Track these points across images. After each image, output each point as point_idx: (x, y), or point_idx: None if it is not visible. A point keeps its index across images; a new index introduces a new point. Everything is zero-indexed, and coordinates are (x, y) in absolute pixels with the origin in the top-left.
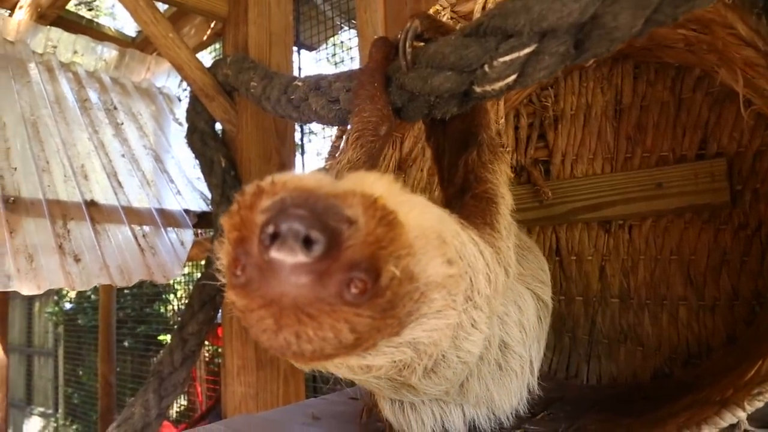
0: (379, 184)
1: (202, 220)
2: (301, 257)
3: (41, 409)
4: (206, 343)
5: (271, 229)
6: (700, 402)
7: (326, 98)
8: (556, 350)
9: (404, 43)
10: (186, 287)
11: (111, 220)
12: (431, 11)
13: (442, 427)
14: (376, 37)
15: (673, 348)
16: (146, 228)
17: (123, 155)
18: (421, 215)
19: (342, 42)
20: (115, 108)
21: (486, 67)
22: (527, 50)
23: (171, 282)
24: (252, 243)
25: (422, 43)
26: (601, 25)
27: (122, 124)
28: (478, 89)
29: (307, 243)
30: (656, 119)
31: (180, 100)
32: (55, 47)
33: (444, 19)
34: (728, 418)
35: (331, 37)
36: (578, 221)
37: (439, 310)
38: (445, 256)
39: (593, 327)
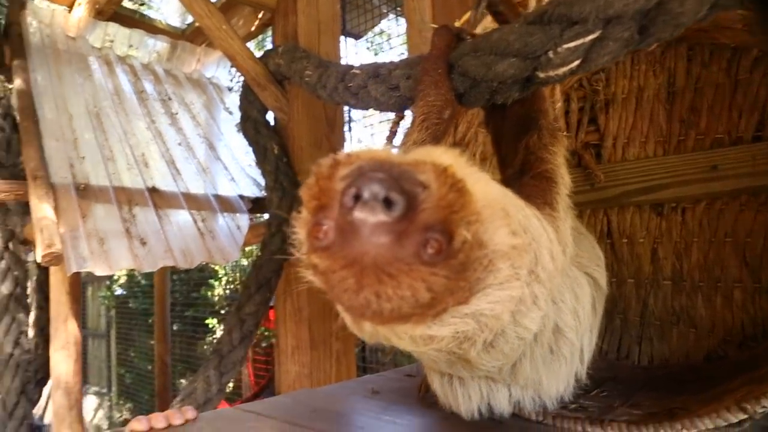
0: (447, 156)
1: (255, 206)
2: (382, 216)
3: (96, 388)
4: None
5: (353, 191)
6: (758, 378)
7: (386, 85)
8: (608, 331)
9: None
10: (231, 273)
11: (171, 206)
12: None
13: (488, 405)
14: (438, 25)
15: (728, 330)
16: (204, 213)
17: (179, 143)
18: (486, 187)
19: (381, 30)
20: (170, 98)
21: (550, 53)
22: (592, 36)
23: (216, 268)
24: (333, 208)
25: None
26: (667, 11)
27: (176, 113)
28: (541, 75)
29: (387, 204)
30: (711, 101)
31: (230, 90)
32: (111, 41)
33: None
34: None
35: (376, 24)
36: (630, 204)
37: (503, 281)
38: (510, 227)
39: (645, 309)
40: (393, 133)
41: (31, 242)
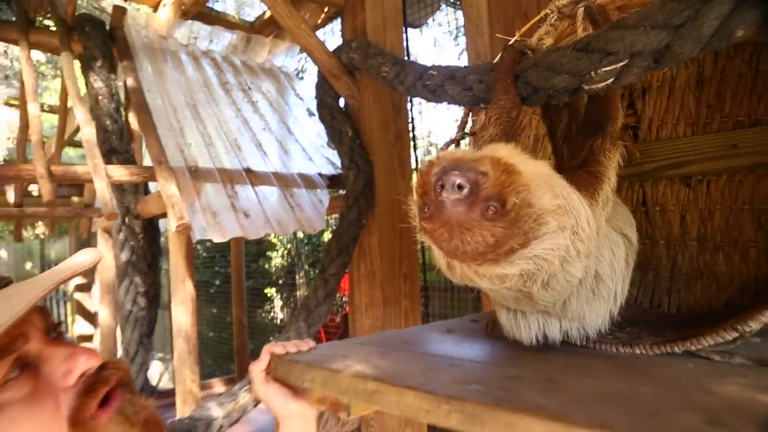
0: (504, 150)
1: (331, 182)
2: (456, 196)
3: (161, 354)
4: None
5: (440, 182)
6: (750, 311)
7: (461, 86)
8: (642, 285)
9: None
10: (285, 246)
11: (264, 183)
12: (543, 13)
13: (543, 334)
14: (509, 44)
15: (744, 282)
16: (292, 189)
17: (263, 129)
18: (534, 168)
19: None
20: (249, 88)
21: (593, 74)
22: (621, 64)
23: (273, 241)
24: (431, 192)
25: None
26: (672, 51)
27: (257, 101)
28: (585, 87)
29: (460, 188)
30: (734, 89)
31: (299, 77)
32: (195, 38)
33: (552, 20)
34: None
35: (433, 14)
36: (662, 177)
37: (552, 232)
38: (553, 193)
39: (674, 266)
40: (464, 122)
41: (143, 217)
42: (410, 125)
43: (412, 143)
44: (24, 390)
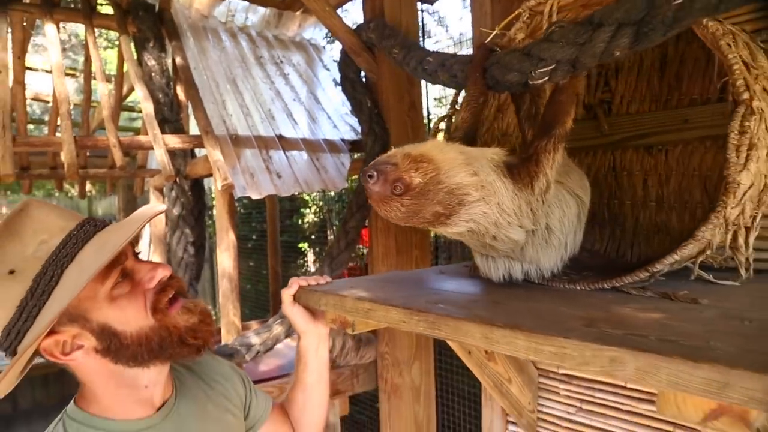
0: (426, 146)
1: (353, 146)
2: (372, 182)
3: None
4: None
5: (365, 174)
6: (664, 256)
7: (449, 73)
8: (610, 239)
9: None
10: (317, 203)
11: (294, 148)
12: (517, 12)
13: (509, 273)
14: (482, 44)
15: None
16: (318, 153)
17: (294, 99)
18: (452, 156)
19: None
20: (281, 61)
21: (533, 73)
22: (550, 68)
23: (306, 198)
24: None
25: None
26: (579, 61)
27: (288, 74)
28: (530, 82)
29: (371, 177)
30: (691, 71)
31: (325, 49)
32: (233, 15)
33: (525, 16)
34: (667, 261)
35: None
36: (629, 146)
37: (476, 201)
38: (470, 171)
39: (636, 222)
40: (454, 102)
41: (191, 177)
42: (425, 94)
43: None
44: (126, 288)
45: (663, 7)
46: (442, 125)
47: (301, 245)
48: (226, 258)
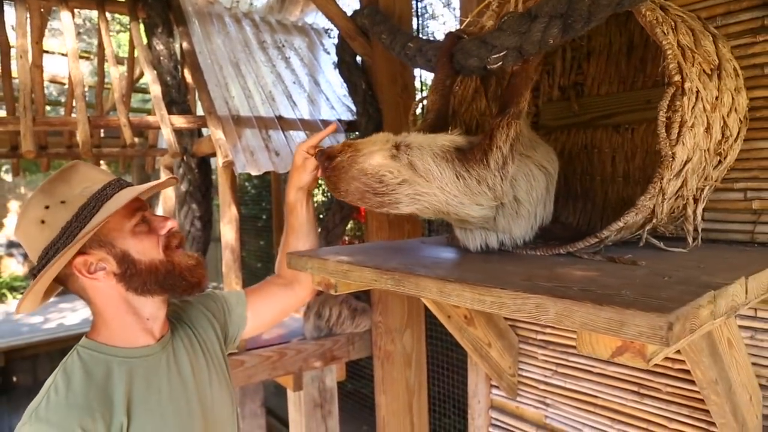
0: (369, 137)
1: (350, 127)
2: (317, 158)
3: (214, 284)
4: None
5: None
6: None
7: (425, 58)
8: (582, 212)
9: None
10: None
11: (293, 128)
12: (487, 1)
13: (485, 243)
14: (448, 32)
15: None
16: (316, 133)
17: (294, 82)
18: (376, 143)
19: None
20: (283, 45)
21: (488, 59)
22: (502, 54)
23: None
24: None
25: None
26: (523, 48)
27: (289, 58)
28: (488, 66)
29: (318, 156)
30: (654, 54)
31: (328, 34)
32: (237, 1)
33: (495, 5)
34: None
35: None
36: (600, 125)
37: (400, 183)
38: (386, 155)
39: (606, 197)
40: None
41: (198, 155)
42: (418, 77)
43: (418, 94)
44: (145, 228)
45: (580, 3)
46: (419, 109)
47: None
48: (228, 230)
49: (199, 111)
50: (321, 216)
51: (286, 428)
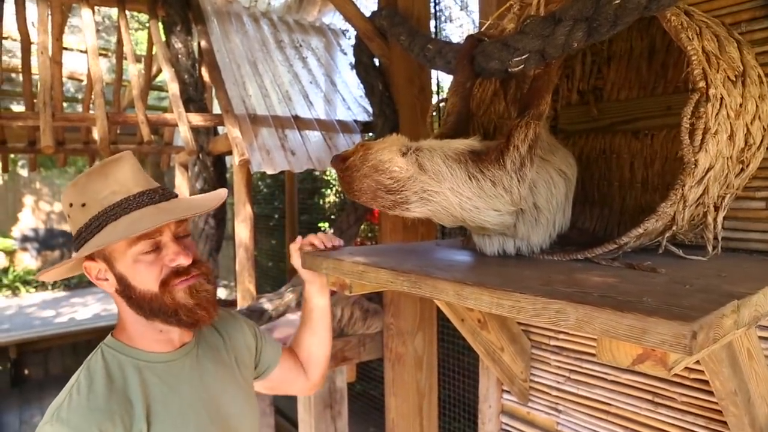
0: (379, 141)
1: (366, 127)
2: (333, 161)
3: (225, 282)
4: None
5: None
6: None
7: (444, 60)
8: (598, 219)
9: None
10: (338, 184)
11: (308, 128)
12: (509, 4)
13: (503, 249)
14: (470, 34)
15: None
16: (330, 133)
17: (310, 82)
18: (385, 143)
19: None
20: (300, 45)
21: (510, 61)
22: (524, 56)
23: (328, 179)
24: None
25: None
26: (546, 51)
27: (306, 57)
28: (509, 69)
29: (334, 159)
30: (676, 60)
31: (345, 34)
32: (256, 1)
33: (516, 8)
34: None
35: None
36: (619, 131)
37: (409, 177)
38: (397, 152)
39: (623, 203)
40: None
41: (213, 153)
42: (435, 78)
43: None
44: (149, 258)
45: (606, 6)
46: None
47: (321, 224)
48: (242, 229)
49: (216, 109)
50: (332, 217)
51: (295, 428)
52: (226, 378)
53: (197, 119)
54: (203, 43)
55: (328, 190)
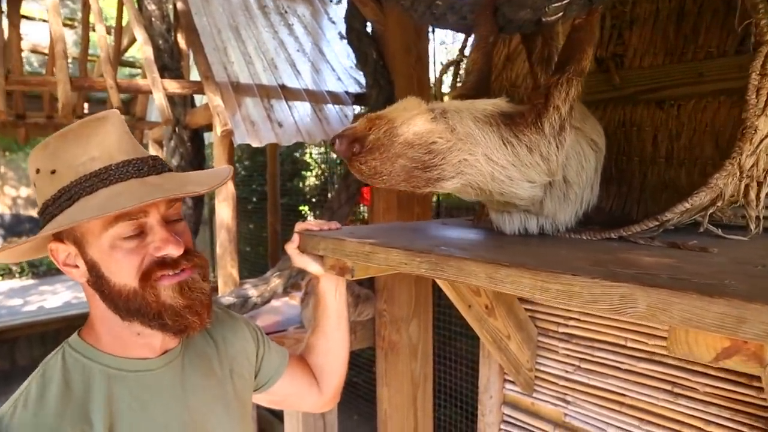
0: (391, 107)
1: (357, 99)
2: (337, 146)
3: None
4: None
5: (333, 141)
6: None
7: (458, 15)
8: (617, 196)
9: None
10: (320, 165)
11: (297, 98)
12: None
13: (524, 227)
14: None
15: None
16: (320, 104)
17: (297, 50)
18: (409, 109)
19: None
20: (286, 12)
21: (547, 8)
22: (565, 2)
23: (308, 161)
24: None
25: None
26: None
27: (293, 24)
28: (543, 19)
29: (332, 143)
30: (708, 23)
31: (332, 1)
32: None
33: None
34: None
35: None
36: (641, 101)
37: (449, 149)
38: (427, 118)
39: (644, 179)
40: (463, 47)
41: (191, 127)
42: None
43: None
44: (130, 245)
45: None
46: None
47: (301, 208)
48: (224, 209)
49: (195, 78)
50: (314, 200)
51: (278, 420)
52: (215, 395)
53: (174, 86)
54: (179, 5)
55: (309, 173)
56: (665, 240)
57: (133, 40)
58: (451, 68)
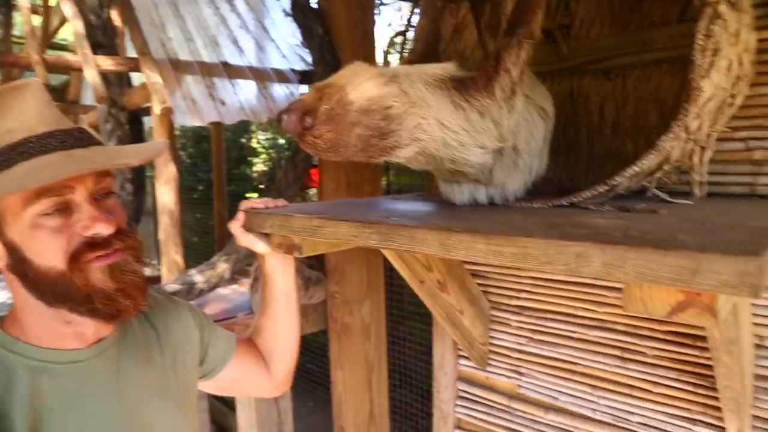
0: (337, 73)
1: (304, 77)
2: (284, 123)
3: (146, 260)
4: None
5: (279, 117)
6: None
7: None
8: (565, 167)
9: None
10: (268, 152)
11: (240, 76)
12: None
13: (473, 198)
14: None
15: None
16: (265, 82)
17: (240, 26)
18: (359, 74)
19: None
20: None
21: None
22: None
23: (255, 147)
24: None
25: None
26: None
27: (234, 0)
28: None
29: (279, 119)
30: None
31: None
32: None
33: None
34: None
35: None
36: (587, 71)
37: (404, 112)
38: (381, 82)
39: (591, 149)
40: (409, 17)
41: (128, 108)
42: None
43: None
44: (54, 222)
45: None
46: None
47: (249, 195)
48: (165, 192)
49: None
50: (261, 187)
51: (231, 410)
52: (155, 385)
53: (107, 63)
54: None
55: (256, 159)
56: (615, 205)
57: (64, 20)
58: (399, 39)
